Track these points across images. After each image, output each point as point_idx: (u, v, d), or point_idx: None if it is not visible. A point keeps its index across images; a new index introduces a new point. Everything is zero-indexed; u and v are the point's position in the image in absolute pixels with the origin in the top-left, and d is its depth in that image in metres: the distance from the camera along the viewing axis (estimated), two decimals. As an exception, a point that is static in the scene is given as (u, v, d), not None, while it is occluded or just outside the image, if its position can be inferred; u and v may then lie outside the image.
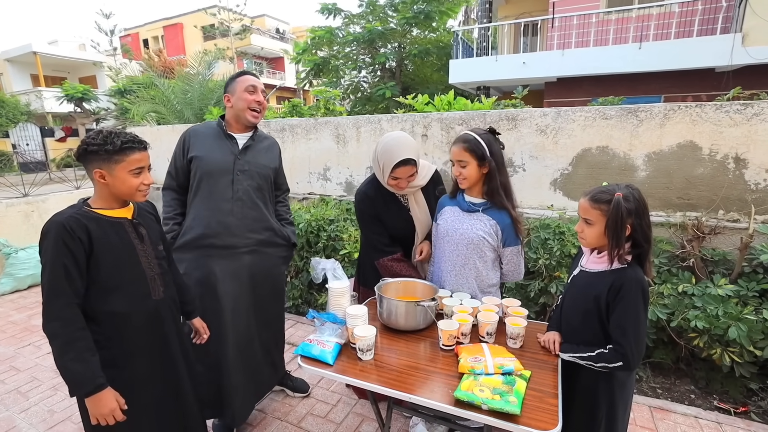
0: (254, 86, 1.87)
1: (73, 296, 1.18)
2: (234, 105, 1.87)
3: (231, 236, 1.84)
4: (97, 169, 1.24)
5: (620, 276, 1.22)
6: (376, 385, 1.24)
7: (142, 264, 1.33)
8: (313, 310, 1.51)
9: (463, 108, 3.44)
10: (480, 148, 1.54)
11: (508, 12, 10.78)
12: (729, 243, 2.45)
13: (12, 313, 3.61)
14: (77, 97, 13.69)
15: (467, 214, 1.64)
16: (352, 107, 11.46)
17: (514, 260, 1.66)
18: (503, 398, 1.08)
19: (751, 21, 6.52)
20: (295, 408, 2.23)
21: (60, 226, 1.17)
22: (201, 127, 1.96)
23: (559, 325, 1.46)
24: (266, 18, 27.28)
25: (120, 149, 1.23)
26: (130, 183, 1.27)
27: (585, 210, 1.27)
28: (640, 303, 1.20)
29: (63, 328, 1.16)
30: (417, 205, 1.82)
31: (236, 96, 1.85)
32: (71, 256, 1.18)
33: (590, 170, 2.83)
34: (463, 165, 1.58)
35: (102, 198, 1.30)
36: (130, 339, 1.31)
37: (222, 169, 1.84)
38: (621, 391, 1.31)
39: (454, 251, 1.67)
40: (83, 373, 1.17)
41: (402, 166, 1.64)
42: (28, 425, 2.17)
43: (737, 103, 2.45)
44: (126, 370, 1.30)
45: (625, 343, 1.19)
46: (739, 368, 2.12)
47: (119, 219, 1.31)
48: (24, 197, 4.96)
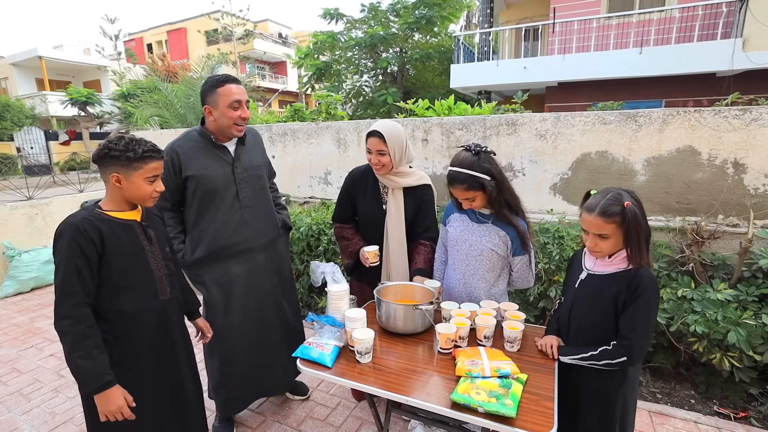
0: (239, 102, 1.74)
1: (84, 296, 1.22)
2: (217, 120, 1.76)
3: (246, 242, 1.89)
4: (115, 174, 1.28)
5: (636, 275, 1.25)
6: (374, 387, 1.25)
7: (150, 265, 1.38)
8: (313, 313, 1.53)
9: (463, 113, 3.46)
10: (480, 181, 1.51)
11: (510, 17, 10.84)
12: (728, 247, 2.45)
13: (15, 316, 3.63)
14: (81, 100, 13.83)
15: (477, 225, 1.64)
16: (354, 111, 11.51)
17: (523, 269, 1.66)
18: (499, 401, 1.09)
19: (752, 26, 6.54)
20: (294, 411, 2.24)
21: (74, 228, 1.21)
22: (184, 141, 1.81)
23: (558, 329, 1.47)
24: (269, 23, 27.47)
25: (141, 157, 1.28)
26: (145, 190, 1.32)
27: (598, 226, 1.24)
28: (653, 302, 1.24)
29: (73, 326, 1.20)
30: (393, 201, 1.86)
31: (219, 112, 1.73)
32: (84, 257, 1.22)
33: (590, 175, 2.84)
34: (472, 200, 1.57)
35: (114, 201, 1.34)
36: (137, 338, 1.35)
37: (224, 184, 1.81)
38: (632, 394, 1.33)
39: (463, 260, 1.68)
40: (92, 370, 1.20)
41: (371, 137, 1.76)
42: (30, 427, 2.18)
43: (736, 108, 2.46)
44: (132, 369, 1.33)
45: (634, 338, 1.22)
46: (738, 373, 2.12)
47: (129, 221, 1.35)
48: (28, 200, 5.00)
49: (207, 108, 1.77)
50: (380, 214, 1.89)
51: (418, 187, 1.88)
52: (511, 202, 1.58)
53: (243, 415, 2.21)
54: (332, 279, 1.56)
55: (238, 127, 1.79)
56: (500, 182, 1.54)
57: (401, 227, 1.86)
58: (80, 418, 2.13)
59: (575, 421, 1.38)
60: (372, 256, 1.81)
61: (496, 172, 1.54)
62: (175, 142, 1.82)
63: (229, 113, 1.74)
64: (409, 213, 1.87)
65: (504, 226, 1.59)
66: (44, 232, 4.90)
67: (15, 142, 14.85)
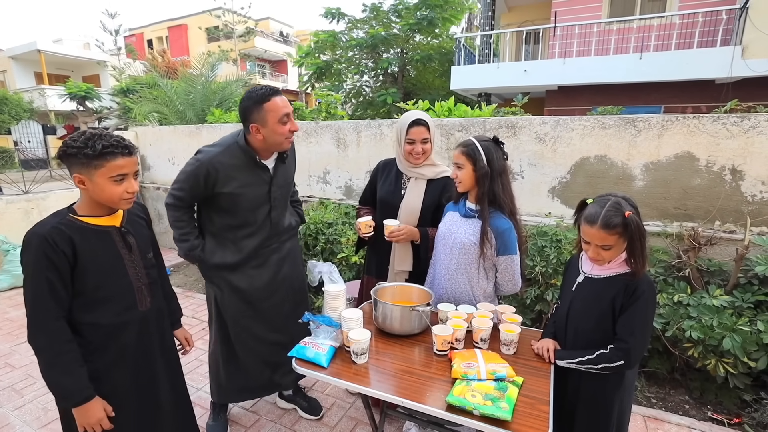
0: (288, 115, 1.65)
1: (58, 309, 1.14)
2: (267, 138, 1.66)
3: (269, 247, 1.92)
4: (77, 174, 1.15)
5: (633, 279, 1.26)
6: (369, 388, 1.24)
7: (129, 275, 1.28)
8: (309, 313, 1.52)
9: (463, 115, 3.46)
10: (476, 153, 1.57)
11: (511, 20, 10.87)
12: (725, 254, 2.46)
13: (9, 310, 3.61)
14: (80, 95, 13.75)
15: (464, 219, 1.66)
16: (354, 111, 11.51)
17: (507, 270, 1.63)
18: (495, 404, 1.09)
19: (751, 34, 6.58)
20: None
21: (42, 239, 1.11)
22: (225, 157, 1.70)
23: (555, 333, 1.47)
24: (270, 21, 27.43)
25: (100, 154, 1.12)
26: (111, 191, 1.16)
27: (601, 239, 1.23)
28: (651, 306, 1.25)
29: (49, 342, 1.13)
30: (413, 188, 1.87)
31: (269, 129, 1.64)
32: (55, 270, 1.12)
33: (588, 179, 2.85)
34: (459, 167, 1.61)
35: (87, 204, 1.21)
36: (112, 351, 1.27)
37: (258, 203, 1.80)
38: (629, 397, 1.33)
39: (447, 254, 1.68)
40: (72, 386, 1.15)
41: (416, 126, 1.78)
42: (22, 423, 2.17)
43: (734, 115, 2.47)
44: (107, 384, 1.25)
45: (632, 341, 1.22)
46: (733, 379, 2.12)
47: (106, 228, 1.23)
48: (24, 194, 4.97)
49: (254, 126, 1.64)
50: (397, 199, 1.90)
51: (446, 181, 1.86)
52: (502, 199, 1.60)
53: (237, 414, 2.20)
54: (329, 279, 1.55)
55: (290, 140, 1.73)
56: (494, 173, 1.58)
57: (414, 215, 1.86)
58: (73, 414, 2.12)
59: (572, 424, 1.38)
60: (363, 226, 1.84)
61: (496, 163, 1.58)
62: (215, 156, 1.69)
63: (280, 129, 1.65)
64: (429, 203, 1.86)
65: (492, 221, 1.60)
66: (40, 226, 4.87)
67: (12, 135, 14.78)
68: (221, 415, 2.08)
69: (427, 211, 1.86)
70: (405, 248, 1.89)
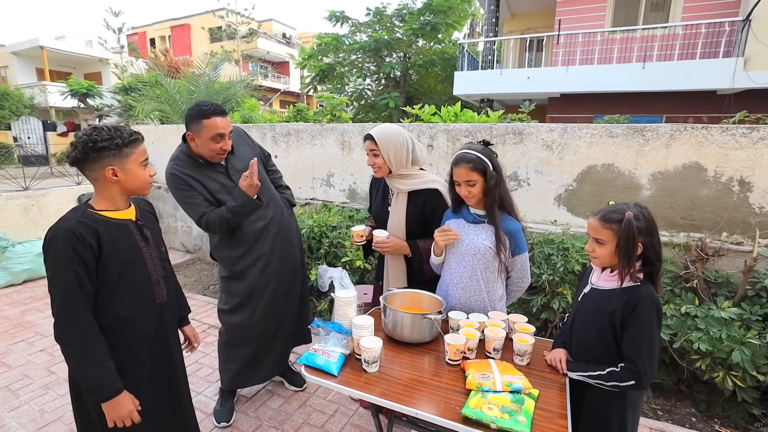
0: (221, 135, 1.79)
1: (86, 303, 1.16)
2: (199, 147, 1.82)
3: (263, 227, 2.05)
4: (110, 167, 1.18)
5: (635, 294, 1.22)
6: (381, 398, 1.21)
7: (148, 267, 1.31)
8: (318, 319, 1.49)
9: (469, 120, 3.45)
10: (484, 165, 1.55)
11: (514, 27, 10.91)
12: (732, 265, 2.45)
13: (5, 308, 3.55)
14: (81, 92, 13.72)
15: (473, 225, 1.64)
16: (356, 114, 11.53)
17: (522, 268, 1.66)
18: (512, 417, 1.06)
19: (753, 46, 6.62)
20: (291, 417, 2.20)
21: (69, 233, 1.12)
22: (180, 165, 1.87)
23: (564, 342, 1.45)
24: (273, 22, 27.49)
25: (129, 141, 1.20)
26: (143, 175, 1.25)
27: (596, 230, 1.26)
28: (654, 321, 1.20)
29: (79, 336, 1.15)
30: (396, 205, 1.87)
31: (201, 141, 1.80)
32: (82, 263, 1.14)
33: (595, 187, 2.84)
34: (471, 184, 1.57)
35: (107, 199, 1.24)
36: (134, 344, 1.29)
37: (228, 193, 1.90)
38: (633, 412, 1.29)
39: (460, 263, 1.65)
40: (102, 379, 1.16)
41: (365, 140, 1.82)
42: (17, 425, 2.12)
43: (743, 126, 2.46)
44: (129, 376, 1.26)
45: (639, 361, 1.18)
46: (741, 393, 2.10)
47: (125, 221, 1.27)
48: (24, 191, 4.93)
49: (190, 134, 1.81)
50: (385, 214, 1.92)
51: (427, 192, 1.82)
52: (506, 201, 1.61)
53: (239, 419, 2.16)
54: (340, 284, 1.53)
55: (220, 156, 1.87)
56: (499, 177, 1.59)
57: (401, 231, 1.85)
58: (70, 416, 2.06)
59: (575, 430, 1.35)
60: (355, 235, 1.91)
61: (498, 167, 1.59)
62: (171, 168, 1.86)
63: (210, 145, 1.80)
64: (413, 217, 1.84)
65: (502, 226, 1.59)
66: (39, 223, 4.83)
67: (12, 131, 14.70)
68: (228, 402, 2.17)
69: (412, 225, 1.84)
70: (398, 266, 1.88)
